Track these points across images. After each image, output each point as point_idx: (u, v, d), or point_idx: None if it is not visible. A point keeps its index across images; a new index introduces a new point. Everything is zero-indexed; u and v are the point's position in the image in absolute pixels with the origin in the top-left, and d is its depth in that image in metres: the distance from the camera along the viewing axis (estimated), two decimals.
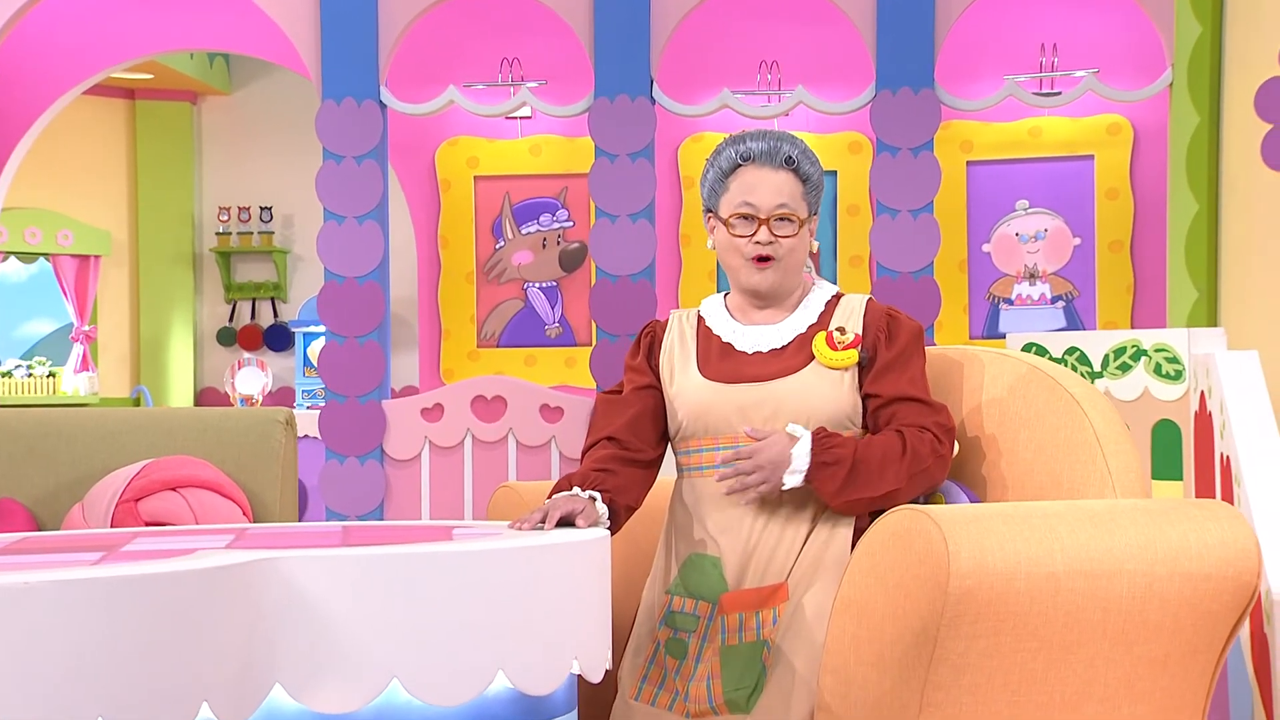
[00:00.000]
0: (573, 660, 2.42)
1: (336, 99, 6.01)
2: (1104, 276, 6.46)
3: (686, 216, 6.65)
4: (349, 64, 6.00)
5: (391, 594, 2.25)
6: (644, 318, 5.77)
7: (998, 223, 6.56)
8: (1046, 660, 2.42)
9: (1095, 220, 6.47)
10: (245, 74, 9.35)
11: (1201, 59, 5.67)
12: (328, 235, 5.98)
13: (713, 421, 2.87)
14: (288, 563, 2.22)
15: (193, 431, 3.60)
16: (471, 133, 6.85)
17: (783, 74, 6.42)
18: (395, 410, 5.94)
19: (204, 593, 2.08)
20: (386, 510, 5.91)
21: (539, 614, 2.36)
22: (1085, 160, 6.48)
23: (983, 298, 6.53)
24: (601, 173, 5.87)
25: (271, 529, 2.84)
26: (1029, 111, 6.43)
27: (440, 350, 6.82)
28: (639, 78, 5.87)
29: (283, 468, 3.57)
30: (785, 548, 2.80)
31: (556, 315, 6.81)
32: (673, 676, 2.82)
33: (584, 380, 6.52)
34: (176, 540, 2.61)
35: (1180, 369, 4.17)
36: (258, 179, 9.41)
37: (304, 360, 9.15)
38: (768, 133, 2.94)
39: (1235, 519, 2.51)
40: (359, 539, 2.54)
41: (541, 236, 6.82)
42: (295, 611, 2.21)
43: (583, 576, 2.46)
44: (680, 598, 2.87)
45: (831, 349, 2.85)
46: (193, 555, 2.25)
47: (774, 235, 2.88)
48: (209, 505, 3.42)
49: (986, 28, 6.37)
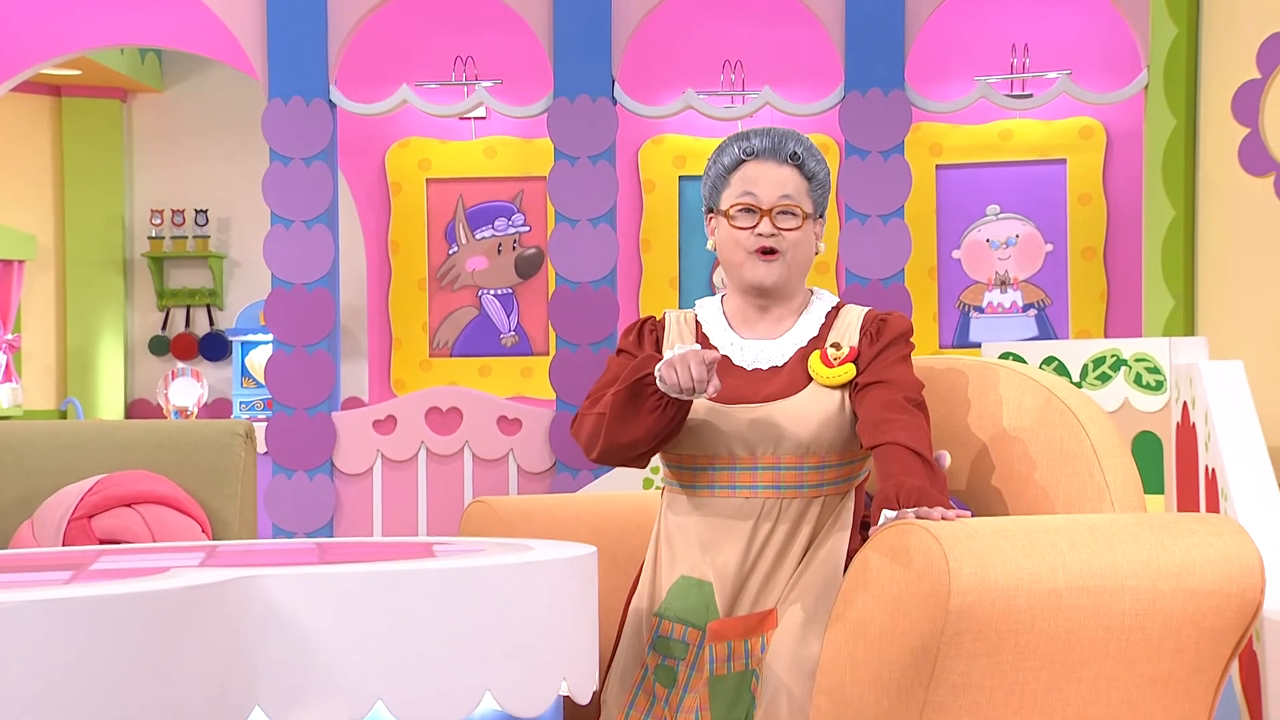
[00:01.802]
0: (561, 681, 2.43)
1: (284, 98, 6.00)
2: (1076, 284, 6.52)
3: (647, 221, 6.68)
4: (297, 61, 5.99)
5: (376, 613, 2.25)
6: (605, 326, 5.79)
7: (968, 228, 6.62)
8: (1048, 680, 2.45)
9: (1068, 226, 6.54)
10: (179, 70, 9.29)
11: (1177, 61, 5.74)
12: (275, 240, 5.96)
13: (710, 442, 2.86)
14: (268, 581, 2.21)
15: (148, 445, 3.59)
16: (423, 133, 6.85)
17: (746, 74, 6.46)
18: (346, 422, 5.93)
19: (183, 612, 2.08)
20: (336, 527, 5.90)
21: (527, 633, 2.36)
22: (1057, 164, 6.56)
23: (953, 306, 6.59)
24: (561, 176, 5.88)
25: (244, 546, 2.84)
26: (999, 114, 6.49)
27: (391, 360, 6.82)
28: (600, 77, 5.89)
29: (242, 483, 3.56)
30: (781, 573, 2.82)
31: (512, 324, 6.81)
32: (661, 705, 2.83)
33: (541, 391, 6.52)
34: (146, 558, 2.60)
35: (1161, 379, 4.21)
36: (192, 180, 9.34)
37: (242, 370, 9.10)
38: (773, 130, 2.94)
39: (1238, 534, 2.55)
40: (336, 556, 2.54)
41: (496, 242, 6.83)
42: (276, 631, 2.21)
43: (571, 594, 2.46)
44: (670, 622, 2.85)
45: (827, 366, 2.85)
46: (168, 574, 2.24)
47: (776, 228, 2.87)
48: (166, 522, 3.40)
49: (957, 27, 6.43)
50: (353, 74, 6.32)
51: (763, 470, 2.84)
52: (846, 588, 2.56)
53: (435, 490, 5.90)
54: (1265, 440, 3.74)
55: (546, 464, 5.85)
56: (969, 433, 2.98)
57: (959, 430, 3.00)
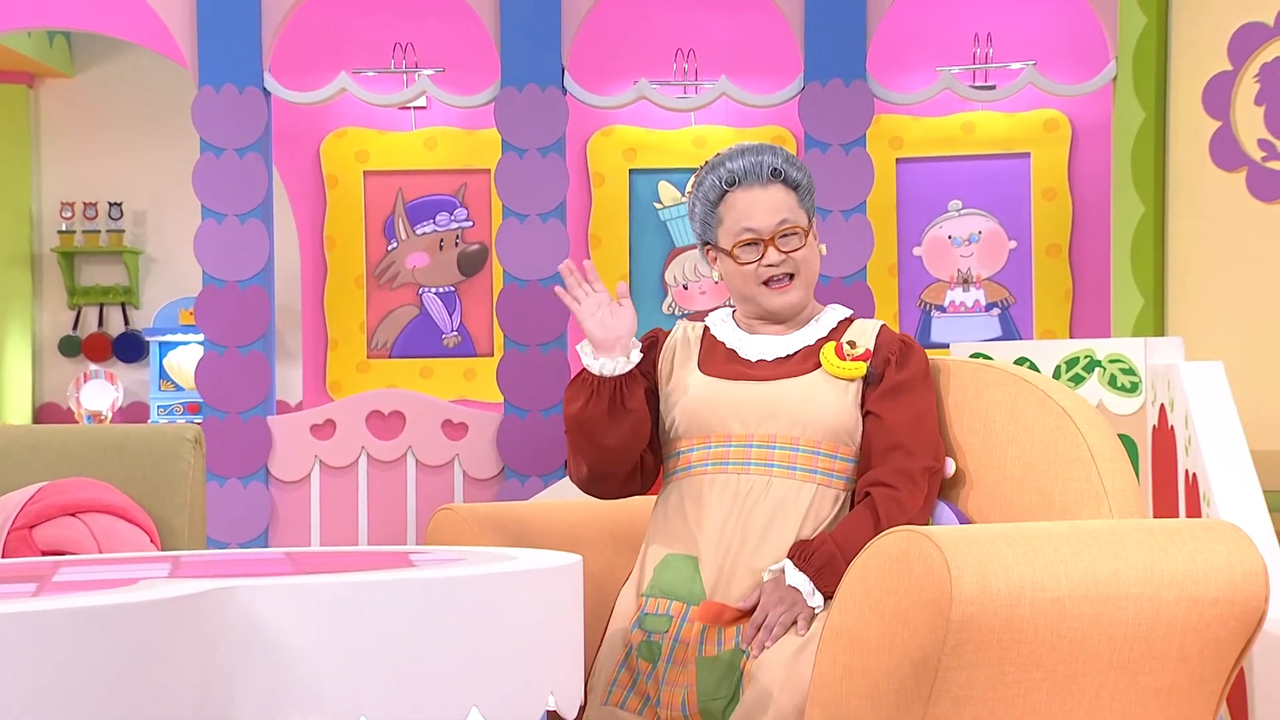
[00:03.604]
0: (548, 695, 2.45)
1: (215, 86, 5.99)
2: (1041, 282, 6.60)
3: (597, 217, 6.69)
4: (229, 47, 5.97)
5: (361, 625, 2.25)
6: (556, 326, 5.81)
7: (929, 224, 6.68)
8: (1050, 691, 2.49)
9: (1032, 222, 6.61)
10: (91, 54, 9.22)
11: (1147, 52, 5.82)
12: (206, 235, 5.95)
13: (706, 418, 2.96)
14: (247, 592, 2.22)
15: (91, 451, 3.57)
16: (360, 124, 6.83)
17: (703, 63, 6.49)
18: (282, 427, 5.92)
19: (163, 625, 2.08)
20: (272, 537, 5.88)
21: (514, 645, 2.38)
22: (1021, 158, 6.63)
23: (914, 305, 6.65)
24: (509, 169, 5.90)
25: (210, 556, 2.84)
26: (961, 106, 6.56)
27: (326, 362, 6.80)
28: (549, 66, 5.91)
29: (192, 490, 3.55)
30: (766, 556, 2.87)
31: (455, 323, 6.81)
32: (644, 680, 2.89)
33: (485, 394, 6.53)
34: (111, 569, 2.60)
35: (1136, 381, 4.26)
36: (105, 171, 9.27)
37: (159, 372, 9.05)
38: (746, 148, 3.03)
39: (1241, 540, 2.60)
40: (311, 566, 2.55)
41: (438, 237, 6.82)
42: (255, 644, 2.21)
43: (557, 604, 2.48)
44: (654, 599, 2.94)
45: (840, 358, 2.95)
46: (139, 585, 2.24)
47: (783, 253, 2.98)
48: (113, 532, 3.39)
49: (919, 16, 6.48)
50: (287, 61, 6.30)
51: (756, 448, 2.93)
52: (841, 595, 2.58)
53: (376, 498, 5.89)
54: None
55: (494, 470, 5.86)
56: (961, 436, 3.03)
57: (951, 433, 3.04)
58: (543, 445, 5.74)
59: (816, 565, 2.81)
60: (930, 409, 2.98)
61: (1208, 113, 5.54)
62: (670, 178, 6.66)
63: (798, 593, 2.81)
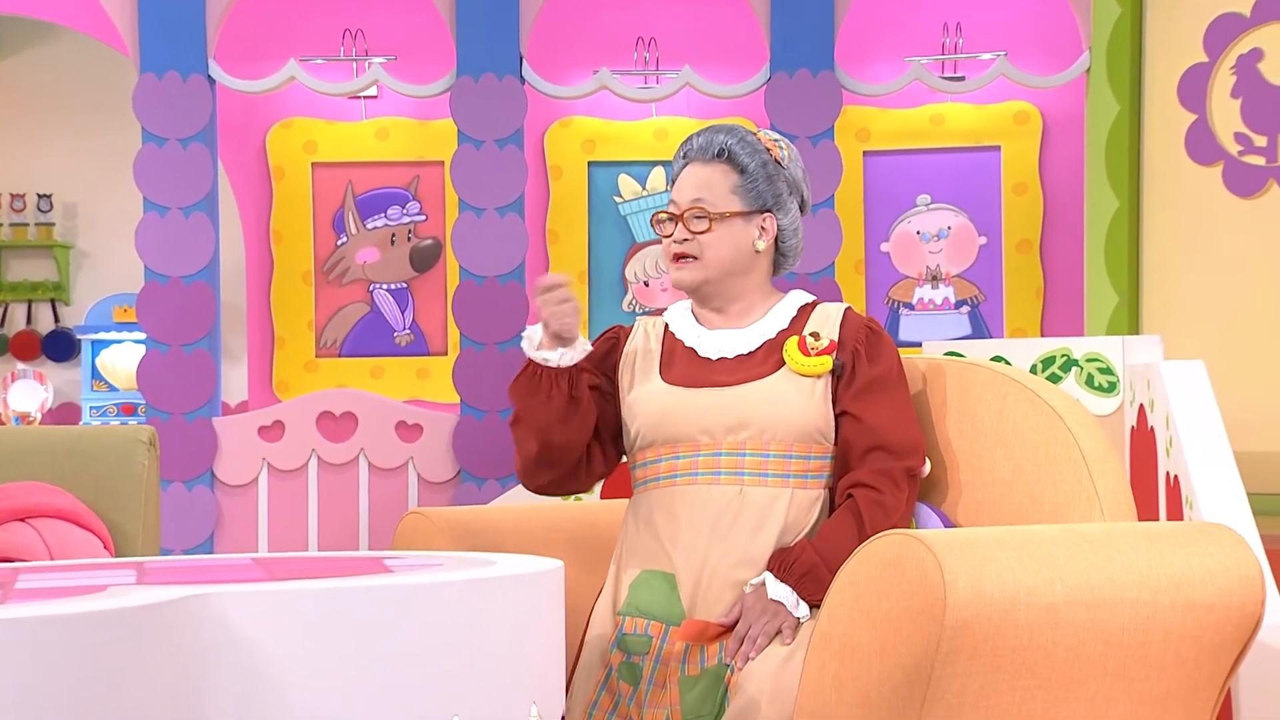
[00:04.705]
0: (531, 705, 2.46)
1: (158, 73, 5.96)
2: (1011, 279, 6.64)
3: (554, 211, 6.69)
4: (172, 33, 5.95)
5: (338, 633, 2.25)
6: (514, 324, 5.81)
7: (897, 219, 6.71)
8: (1045, 700, 2.51)
9: (1002, 217, 6.66)
10: (17, 39, 9.16)
11: (1121, 43, 5.87)
12: (148, 229, 5.92)
13: (672, 429, 2.97)
14: (222, 599, 2.22)
15: (41, 454, 3.56)
16: (308, 113, 6.80)
17: (666, 52, 6.50)
18: (228, 429, 5.90)
19: (133, 633, 2.07)
20: (217, 543, 5.87)
21: (497, 653, 2.39)
22: (991, 151, 6.67)
23: (881, 302, 6.68)
24: (465, 161, 5.90)
25: (176, 563, 2.84)
26: (930, 97, 6.59)
27: (273, 361, 6.77)
28: (507, 55, 5.91)
29: (146, 494, 3.54)
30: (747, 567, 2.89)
31: (407, 321, 6.80)
32: (626, 702, 2.90)
33: (440, 394, 6.52)
34: (75, 576, 2.60)
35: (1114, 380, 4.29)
36: (34, 162, 9.21)
37: (92, 372, 9.01)
38: (713, 126, 3.10)
39: (1238, 544, 2.63)
40: (282, 572, 2.55)
41: (390, 232, 6.81)
42: (230, 653, 2.21)
43: (539, 611, 2.49)
44: (631, 618, 2.94)
45: (804, 354, 2.95)
46: (109, 592, 2.24)
47: (690, 232, 3.03)
48: (65, 538, 3.38)
49: (886, 4, 6.51)
50: (233, 47, 6.27)
51: (725, 456, 2.94)
52: (830, 602, 2.60)
53: (327, 502, 5.88)
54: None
55: (450, 473, 5.86)
56: (948, 437, 3.05)
57: (937, 434, 3.07)
58: (501, 448, 5.74)
59: (798, 574, 2.83)
60: (907, 402, 2.99)
61: (1183, 105, 5.60)
62: (630, 170, 6.66)
63: (780, 604, 2.83)
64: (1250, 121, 5.36)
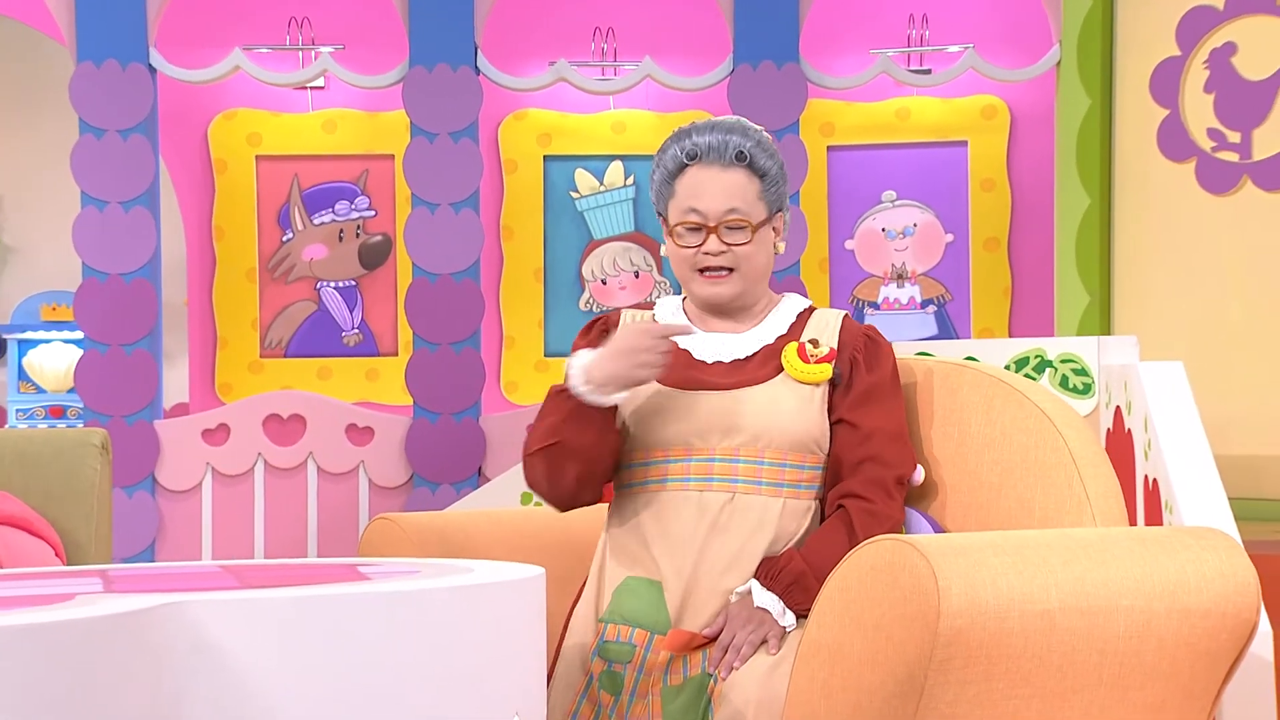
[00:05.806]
0: (513, 714, 2.46)
1: (96, 61, 5.94)
2: (979, 278, 6.68)
3: (509, 206, 6.68)
4: (111, 20, 5.93)
5: (316, 642, 2.25)
6: (469, 323, 5.81)
7: (862, 216, 6.74)
8: (1040, 709, 2.53)
9: (969, 214, 6.70)
10: None
11: (1092, 36, 5.92)
12: (86, 224, 5.90)
13: (664, 432, 2.94)
14: (197, 607, 2.21)
15: None
16: (252, 104, 6.77)
17: (625, 43, 6.51)
18: (170, 432, 5.88)
19: (105, 643, 2.07)
20: (159, 550, 5.85)
21: (476, 662, 2.39)
22: (958, 147, 6.70)
23: (846, 301, 6.71)
24: (418, 154, 5.90)
25: (143, 570, 2.82)
26: (896, 91, 6.62)
27: (215, 362, 6.74)
28: (461, 45, 5.91)
29: (98, 500, 3.53)
30: (736, 576, 2.89)
31: (355, 320, 6.78)
32: (608, 713, 2.89)
33: (391, 396, 6.51)
34: (38, 584, 2.58)
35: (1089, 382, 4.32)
36: None
37: (18, 373, 8.97)
38: (717, 124, 3.00)
39: (1233, 549, 2.65)
40: (254, 580, 2.54)
41: (337, 227, 6.79)
42: (205, 663, 2.21)
43: (521, 619, 2.49)
44: (614, 625, 2.93)
45: (803, 361, 2.94)
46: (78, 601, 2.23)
47: (725, 244, 2.95)
48: (15, 545, 3.36)
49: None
50: (175, 35, 6.25)
51: (718, 462, 2.92)
52: (820, 609, 2.61)
53: (274, 508, 5.87)
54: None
55: (402, 478, 5.85)
56: (934, 439, 3.06)
57: (923, 437, 3.08)
58: (454, 451, 5.74)
59: (785, 583, 2.83)
60: (903, 413, 3.01)
61: (1155, 100, 5.65)
62: (588, 165, 6.66)
63: (767, 613, 2.83)
64: (1224, 117, 5.41)
